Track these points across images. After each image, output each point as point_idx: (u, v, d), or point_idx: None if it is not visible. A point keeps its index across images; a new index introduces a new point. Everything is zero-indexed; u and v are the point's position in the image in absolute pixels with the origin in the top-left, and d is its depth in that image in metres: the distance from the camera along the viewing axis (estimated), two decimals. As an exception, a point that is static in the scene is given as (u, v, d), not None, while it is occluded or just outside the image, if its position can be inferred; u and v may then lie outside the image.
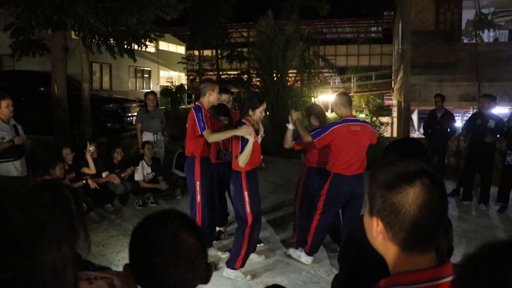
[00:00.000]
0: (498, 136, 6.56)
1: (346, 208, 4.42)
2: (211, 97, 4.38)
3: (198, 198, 4.37)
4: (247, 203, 4.09)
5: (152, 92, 7.56)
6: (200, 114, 4.24)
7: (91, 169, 5.95)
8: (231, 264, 4.17)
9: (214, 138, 4.29)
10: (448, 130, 7.56)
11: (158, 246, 1.04)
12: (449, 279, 1.00)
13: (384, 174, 1.05)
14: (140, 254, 1.06)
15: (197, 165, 4.38)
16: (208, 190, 4.50)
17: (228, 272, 4.18)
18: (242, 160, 3.97)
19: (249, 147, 3.92)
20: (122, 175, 6.42)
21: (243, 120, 4.11)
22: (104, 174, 6.22)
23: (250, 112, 4.10)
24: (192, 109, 4.36)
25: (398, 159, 1.10)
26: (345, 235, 4.37)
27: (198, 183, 4.38)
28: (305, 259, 4.55)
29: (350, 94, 26.53)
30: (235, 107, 5.85)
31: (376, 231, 1.05)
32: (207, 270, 1.11)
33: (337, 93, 4.55)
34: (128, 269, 1.09)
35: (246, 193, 4.09)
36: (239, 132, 3.96)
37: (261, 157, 4.30)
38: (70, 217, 1.28)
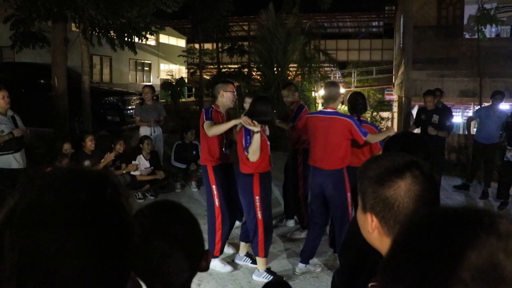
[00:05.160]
0: (501, 132, 6.59)
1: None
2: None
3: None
4: (258, 209, 3.90)
5: (148, 86, 7.58)
6: (210, 112, 4.10)
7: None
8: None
9: (214, 131, 4.01)
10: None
11: (150, 237, 1.05)
12: None
13: (373, 170, 1.05)
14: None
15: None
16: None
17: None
18: (252, 152, 3.71)
19: (256, 139, 3.68)
20: (124, 171, 6.42)
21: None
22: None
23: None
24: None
25: (385, 154, 1.10)
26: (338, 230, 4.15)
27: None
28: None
29: (350, 89, 26.38)
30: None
31: (371, 226, 1.05)
32: (205, 258, 1.13)
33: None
34: None
35: (257, 197, 3.89)
36: (236, 120, 3.90)
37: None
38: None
